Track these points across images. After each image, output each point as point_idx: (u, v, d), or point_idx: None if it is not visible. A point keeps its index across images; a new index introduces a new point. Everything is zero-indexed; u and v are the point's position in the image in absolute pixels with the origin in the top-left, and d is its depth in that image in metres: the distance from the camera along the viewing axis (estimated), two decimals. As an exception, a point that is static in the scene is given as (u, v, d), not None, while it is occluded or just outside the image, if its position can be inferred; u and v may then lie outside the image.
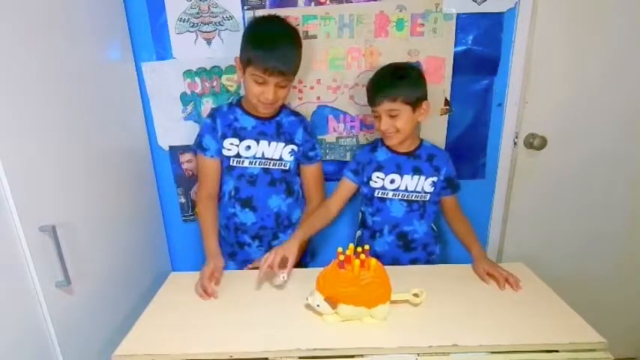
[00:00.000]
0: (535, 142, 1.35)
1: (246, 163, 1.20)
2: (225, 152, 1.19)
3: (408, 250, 1.25)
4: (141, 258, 1.28)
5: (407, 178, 1.20)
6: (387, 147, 1.21)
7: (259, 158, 1.19)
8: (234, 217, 1.24)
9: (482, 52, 1.28)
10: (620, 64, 1.30)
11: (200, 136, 1.21)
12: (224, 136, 1.18)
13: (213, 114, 1.20)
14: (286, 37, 1.10)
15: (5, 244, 0.76)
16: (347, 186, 1.26)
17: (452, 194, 1.25)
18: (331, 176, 1.40)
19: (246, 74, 1.09)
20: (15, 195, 0.76)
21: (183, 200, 1.46)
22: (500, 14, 1.25)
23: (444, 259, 1.36)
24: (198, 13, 1.25)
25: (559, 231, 1.50)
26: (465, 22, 1.25)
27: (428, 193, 1.21)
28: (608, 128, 1.37)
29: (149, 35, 1.27)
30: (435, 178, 1.21)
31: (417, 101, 1.11)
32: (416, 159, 1.21)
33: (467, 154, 1.39)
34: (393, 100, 1.09)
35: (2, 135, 0.74)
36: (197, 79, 1.31)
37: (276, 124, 1.20)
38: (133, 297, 1.19)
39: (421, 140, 1.24)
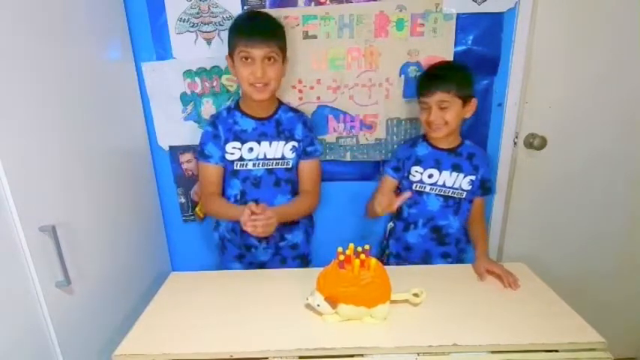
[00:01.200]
0: (535, 142, 1.35)
1: (249, 166, 1.19)
2: (228, 157, 1.18)
3: (442, 244, 1.26)
4: (141, 258, 1.28)
5: (445, 174, 1.21)
6: (428, 142, 1.23)
7: (262, 159, 1.19)
8: None
9: (482, 52, 1.28)
10: (620, 64, 1.30)
11: (202, 144, 1.19)
12: (226, 141, 1.17)
13: (214, 121, 1.19)
14: (265, 16, 1.14)
15: (5, 244, 0.76)
16: (389, 183, 1.27)
17: (482, 196, 1.25)
18: (331, 176, 1.41)
19: (235, 61, 1.10)
20: (15, 195, 0.76)
21: (183, 200, 1.45)
22: (500, 14, 1.25)
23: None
24: (198, 13, 1.25)
25: (559, 231, 1.50)
26: (465, 22, 1.25)
27: (465, 190, 1.22)
28: (608, 128, 1.37)
29: (149, 35, 1.27)
30: (473, 177, 1.21)
31: (467, 97, 1.14)
32: (457, 156, 1.21)
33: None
34: (447, 91, 1.11)
35: (2, 135, 0.74)
36: (197, 79, 1.31)
37: (275, 122, 1.19)
38: (133, 297, 1.19)
39: (463, 139, 1.24)
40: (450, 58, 1.27)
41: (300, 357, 0.86)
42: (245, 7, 1.23)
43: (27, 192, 0.79)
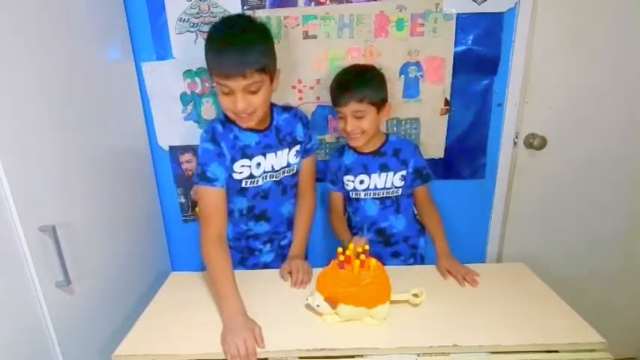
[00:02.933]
0: (535, 142, 1.35)
1: (260, 182, 1.12)
2: (236, 176, 1.08)
3: (389, 245, 1.28)
4: (141, 258, 1.28)
5: (374, 176, 1.21)
6: (353, 149, 1.23)
7: (269, 172, 1.12)
8: (248, 230, 1.21)
9: (482, 52, 1.28)
10: (620, 64, 1.30)
11: (203, 165, 1.03)
12: (233, 160, 1.06)
13: (214, 137, 1.04)
14: (242, 34, 0.94)
15: (5, 244, 0.76)
16: (335, 197, 1.30)
17: (422, 185, 1.25)
18: (331, 176, 1.40)
19: (215, 87, 1.00)
20: (15, 195, 0.76)
21: (183, 200, 1.45)
22: (500, 14, 1.24)
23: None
24: (198, 13, 1.24)
25: (559, 231, 1.50)
26: (465, 22, 1.25)
27: (399, 187, 1.22)
28: (608, 128, 1.37)
29: (149, 35, 1.27)
30: (403, 172, 1.22)
31: (381, 102, 1.13)
32: (382, 156, 1.22)
33: (467, 154, 1.39)
34: (360, 100, 1.10)
35: (2, 135, 0.74)
36: (197, 79, 1.31)
37: (275, 130, 1.11)
38: (133, 297, 1.19)
39: (387, 136, 1.24)
40: (450, 58, 1.27)
41: (300, 357, 0.86)
42: (245, 7, 1.23)
43: (27, 192, 0.79)
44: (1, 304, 0.75)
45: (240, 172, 1.08)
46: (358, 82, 1.12)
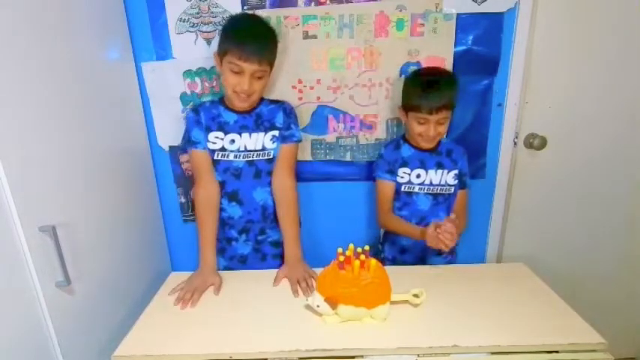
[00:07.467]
0: (535, 142, 1.35)
1: (231, 157, 1.19)
2: (210, 146, 1.18)
3: None
4: (141, 258, 1.28)
5: (431, 172, 1.23)
6: (410, 144, 1.24)
7: (242, 151, 1.19)
8: (222, 211, 1.23)
9: (482, 52, 1.28)
10: (620, 64, 1.30)
11: (188, 131, 1.18)
12: (209, 129, 1.17)
13: (197, 108, 1.19)
14: (262, 29, 1.12)
15: (5, 244, 0.76)
16: (388, 187, 1.25)
17: (460, 189, 1.26)
18: (331, 176, 1.40)
19: (223, 66, 1.10)
20: (15, 195, 0.76)
21: (183, 200, 1.46)
22: (500, 14, 1.24)
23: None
24: (198, 13, 1.24)
25: (559, 231, 1.50)
26: (465, 22, 1.25)
27: (452, 185, 1.24)
28: (608, 128, 1.37)
29: (149, 35, 1.27)
30: (456, 171, 1.25)
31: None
32: (438, 155, 1.24)
33: (467, 154, 1.38)
34: (448, 108, 1.13)
35: (2, 135, 0.74)
36: (197, 79, 1.31)
37: (255, 116, 1.19)
38: (133, 297, 1.19)
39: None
40: (450, 58, 1.27)
41: (300, 358, 0.86)
42: (245, 7, 1.23)
43: (27, 192, 0.79)
44: (1, 304, 0.75)
45: (214, 143, 1.18)
46: (445, 88, 1.13)
